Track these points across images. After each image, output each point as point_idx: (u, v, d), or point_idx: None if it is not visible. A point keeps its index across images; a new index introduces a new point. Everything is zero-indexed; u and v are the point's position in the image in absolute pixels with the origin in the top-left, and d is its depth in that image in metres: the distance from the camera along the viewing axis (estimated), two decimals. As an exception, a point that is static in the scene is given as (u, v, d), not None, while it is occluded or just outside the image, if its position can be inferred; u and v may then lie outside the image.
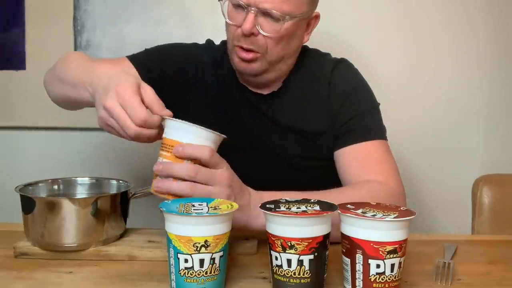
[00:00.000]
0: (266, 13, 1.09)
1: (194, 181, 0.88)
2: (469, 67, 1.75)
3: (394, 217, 0.77)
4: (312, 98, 1.22)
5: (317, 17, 1.20)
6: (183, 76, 1.25)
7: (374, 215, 0.78)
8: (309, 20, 1.18)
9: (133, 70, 1.17)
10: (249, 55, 1.13)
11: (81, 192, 1.09)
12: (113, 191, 1.08)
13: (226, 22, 1.15)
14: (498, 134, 1.77)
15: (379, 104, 1.24)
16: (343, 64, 1.26)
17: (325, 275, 0.81)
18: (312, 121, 1.21)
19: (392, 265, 0.77)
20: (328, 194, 1.01)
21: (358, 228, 0.77)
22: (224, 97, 1.25)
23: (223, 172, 0.91)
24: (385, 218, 0.76)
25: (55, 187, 1.08)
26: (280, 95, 1.23)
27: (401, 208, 0.82)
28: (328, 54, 1.30)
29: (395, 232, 0.77)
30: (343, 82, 1.23)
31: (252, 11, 1.09)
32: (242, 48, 1.13)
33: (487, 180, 1.41)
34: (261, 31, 1.10)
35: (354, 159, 1.16)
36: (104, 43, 1.73)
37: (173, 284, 0.79)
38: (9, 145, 1.83)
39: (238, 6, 1.11)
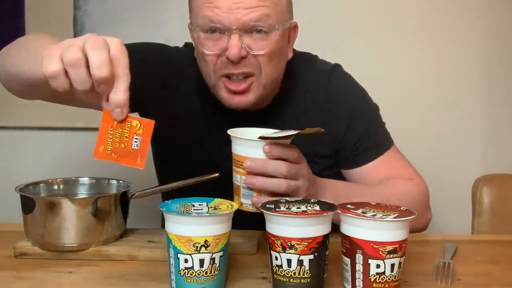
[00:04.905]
0: (250, 30, 0.99)
1: (285, 178, 0.89)
2: (469, 68, 1.75)
3: (394, 217, 0.77)
4: (309, 116, 1.13)
5: (296, 27, 1.10)
6: (163, 82, 1.14)
7: (374, 215, 0.77)
8: (289, 32, 1.08)
9: None
10: (242, 85, 1.01)
11: (81, 192, 1.09)
12: (113, 191, 1.08)
13: (202, 52, 1.02)
14: (498, 134, 1.77)
15: (378, 108, 1.20)
16: (336, 74, 1.17)
17: (325, 275, 0.81)
18: (312, 143, 1.05)
19: (392, 265, 0.77)
20: (372, 189, 1.09)
21: (358, 228, 0.77)
22: (207, 115, 1.14)
23: (305, 167, 0.93)
24: (385, 218, 0.76)
25: (55, 187, 1.08)
26: (271, 113, 1.12)
27: (401, 208, 0.82)
28: (315, 58, 1.20)
29: (395, 232, 0.77)
30: (344, 98, 1.14)
31: (235, 32, 0.97)
32: (230, 78, 1.01)
33: (487, 180, 1.41)
34: (251, 51, 0.99)
35: (376, 175, 1.14)
36: (104, 43, 1.73)
37: (173, 284, 0.79)
38: (9, 145, 1.83)
39: (213, 31, 0.99)
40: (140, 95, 0.90)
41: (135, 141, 0.77)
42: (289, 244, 0.76)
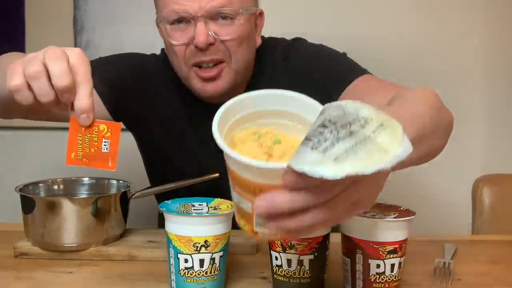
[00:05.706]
0: (216, 17, 0.99)
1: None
2: (469, 67, 1.75)
3: (394, 217, 0.77)
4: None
5: (261, 14, 1.10)
6: (142, 89, 1.14)
7: (374, 215, 0.77)
8: (255, 18, 1.08)
9: None
10: (213, 71, 1.01)
11: (81, 192, 1.09)
12: (113, 191, 1.08)
13: (170, 44, 1.02)
14: (498, 134, 1.77)
15: (344, 53, 1.12)
16: (298, 44, 1.13)
17: (325, 275, 0.81)
18: None
19: (392, 265, 0.77)
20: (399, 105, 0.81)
21: (358, 228, 0.77)
22: (191, 117, 1.14)
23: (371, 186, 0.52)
24: (385, 218, 0.76)
25: (55, 187, 1.08)
26: None
27: (401, 208, 0.82)
28: (279, 40, 1.17)
29: (395, 232, 0.77)
30: (308, 63, 1.08)
31: (201, 20, 0.97)
32: (200, 67, 1.02)
33: (487, 180, 1.41)
34: (218, 37, 0.99)
35: (359, 94, 0.96)
36: (104, 43, 1.73)
37: (173, 284, 0.79)
38: (9, 145, 1.82)
39: (179, 22, 1.00)
40: (122, 106, 0.88)
41: (105, 145, 0.79)
42: (289, 244, 0.76)
